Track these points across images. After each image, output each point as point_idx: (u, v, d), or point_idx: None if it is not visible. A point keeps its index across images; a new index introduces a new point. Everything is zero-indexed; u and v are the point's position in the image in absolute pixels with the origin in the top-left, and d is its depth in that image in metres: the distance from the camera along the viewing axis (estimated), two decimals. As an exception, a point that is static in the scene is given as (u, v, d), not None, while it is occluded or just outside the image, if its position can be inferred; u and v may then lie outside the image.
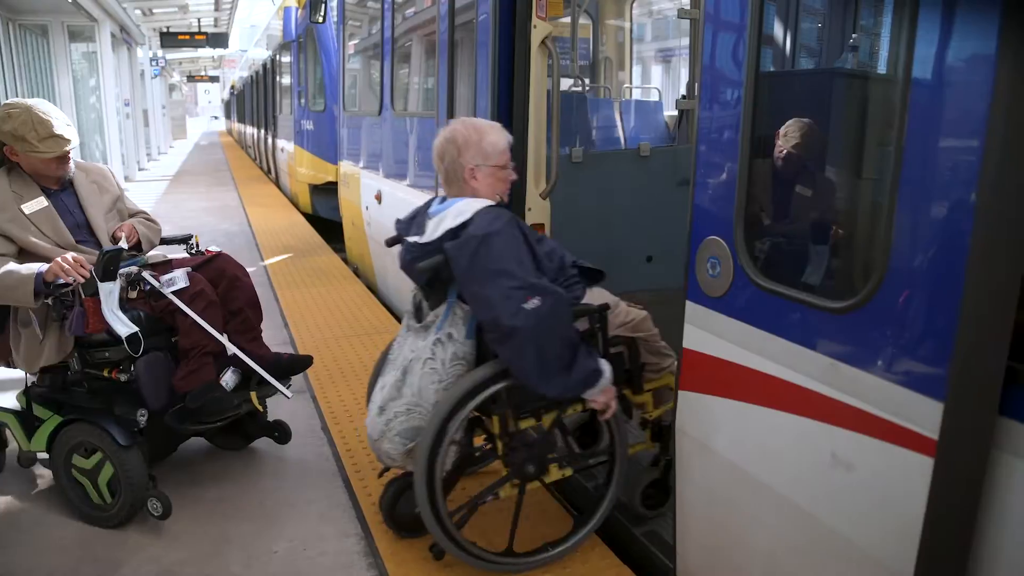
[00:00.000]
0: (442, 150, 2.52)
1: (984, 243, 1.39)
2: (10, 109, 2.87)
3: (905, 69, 1.52)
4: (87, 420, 2.89)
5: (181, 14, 19.81)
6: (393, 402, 2.47)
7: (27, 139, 2.83)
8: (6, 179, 2.94)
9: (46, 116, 2.88)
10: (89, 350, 2.90)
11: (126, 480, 2.83)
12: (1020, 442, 1.40)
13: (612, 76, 6.47)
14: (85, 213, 3.06)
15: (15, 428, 3.12)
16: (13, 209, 2.88)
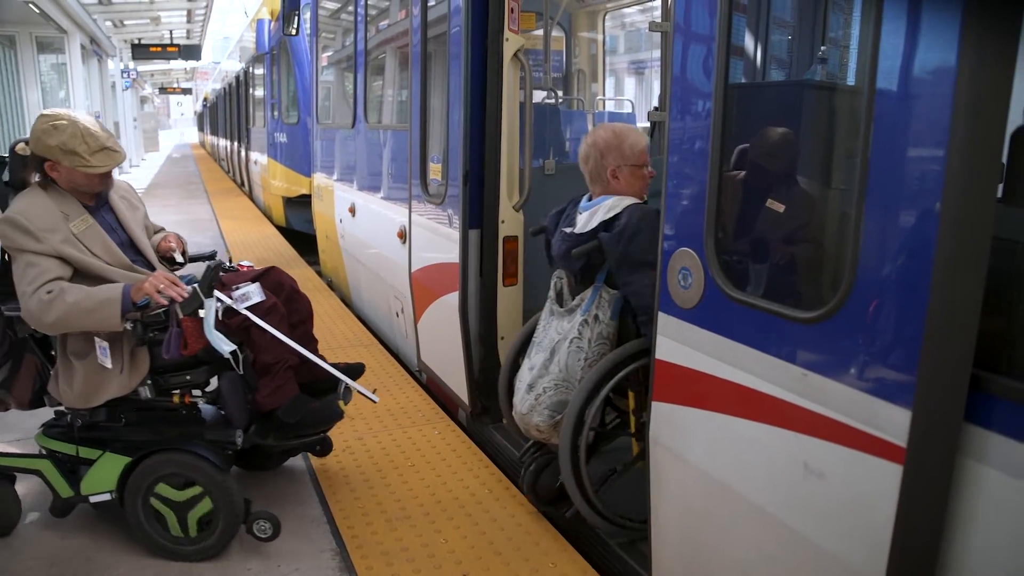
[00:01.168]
0: (585, 154, 2.75)
1: (948, 252, 1.41)
2: (54, 121, 2.65)
3: (869, 80, 1.54)
4: (177, 450, 2.72)
5: (153, 26, 19.72)
6: (542, 379, 2.69)
7: (78, 153, 2.63)
8: (48, 198, 2.71)
9: (94, 128, 2.70)
10: (164, 375, 2.75)
11: (227, 508, 2.71)
12: (985, 448, 1.42)
13: (585, 88, 6.51)
14: (126, 230, 2.91)
15: (51, 475, 2.83)
16: (65, 230, 2.67)
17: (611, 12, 6.56)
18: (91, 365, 2.69)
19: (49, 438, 2.88)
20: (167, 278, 2.63)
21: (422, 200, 4.15)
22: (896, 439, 1.53)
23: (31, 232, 2.59)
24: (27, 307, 2.57)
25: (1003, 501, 1.41)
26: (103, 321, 2.58)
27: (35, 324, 2.61)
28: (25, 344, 2.82)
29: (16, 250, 2.62)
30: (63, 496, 2.83)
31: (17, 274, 2.62)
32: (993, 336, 1.44)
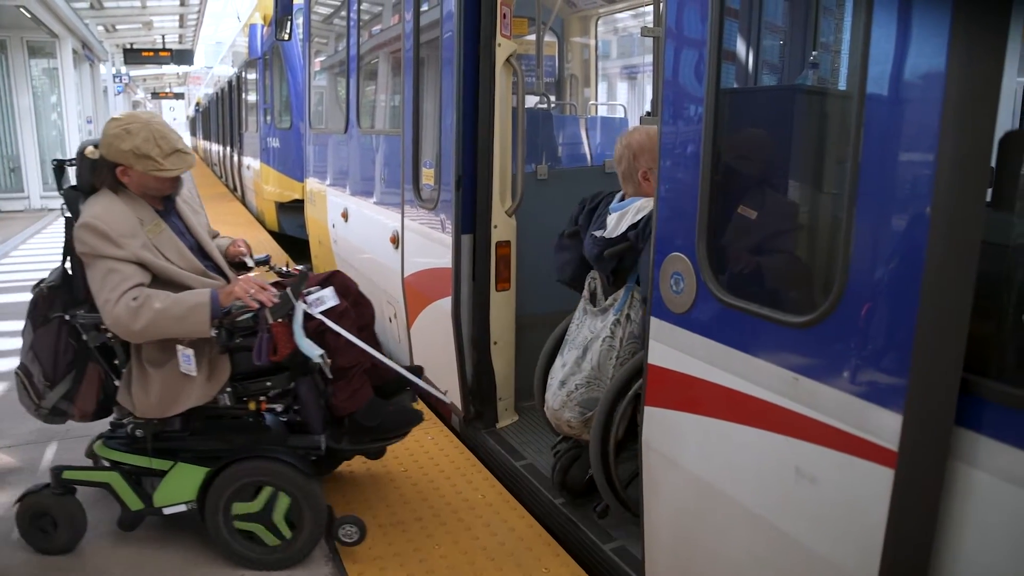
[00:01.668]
0: (619, 155, 2.79)
1: (938, 256, 1.41)
2: (127, 125, 2.61)
3: (859, 85, 1.55)
4: (263, 457, 2.70)
5: (145, 31, 19.69)
6: (574, 376, 2.75)
7: (151, 157, 2.60)
8: (122, 203, 2.66)
9: (166, 130, 2.67)
10: (243, 382, 2.72)
11: (312, 513, 2.70)
12: (975, 452, 1.42)
13: (578, 93, 6.51)
14: (193, 235, 2.88)
15: (120, 487, 2.77)
16: (142, 235, 2.62)
17: (604, 17, 6.57)
18: (170, 373, 2.63)
19: (113, 449, 2.82)
20: (256, 283, 2.61)
21: (415, 205, 4.15)
22: (887, 443, 1.53)
23: (111, 238, 2.54)
24: (113, 314, 2.50)
25: (994, 504, 1.41)
26: (193, 327, 2.53)
27: (122, 331, 2.54)
28: (88, 353, 2.75)
29: (94, 256, 2.55)
30: (133, 509, 2.78)
31: (96, 281, 2.55)
32: (983, 340, 1.45)
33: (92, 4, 15.68)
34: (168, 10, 17.73)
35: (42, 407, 2.75)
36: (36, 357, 2.72)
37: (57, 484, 2.81)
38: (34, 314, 2.76)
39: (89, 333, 2.67)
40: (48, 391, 2.73)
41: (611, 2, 6.20)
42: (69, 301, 2.73)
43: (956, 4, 1.36)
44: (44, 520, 2.79)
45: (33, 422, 2.96)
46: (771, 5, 2.58)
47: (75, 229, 2.59)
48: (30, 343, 2.74)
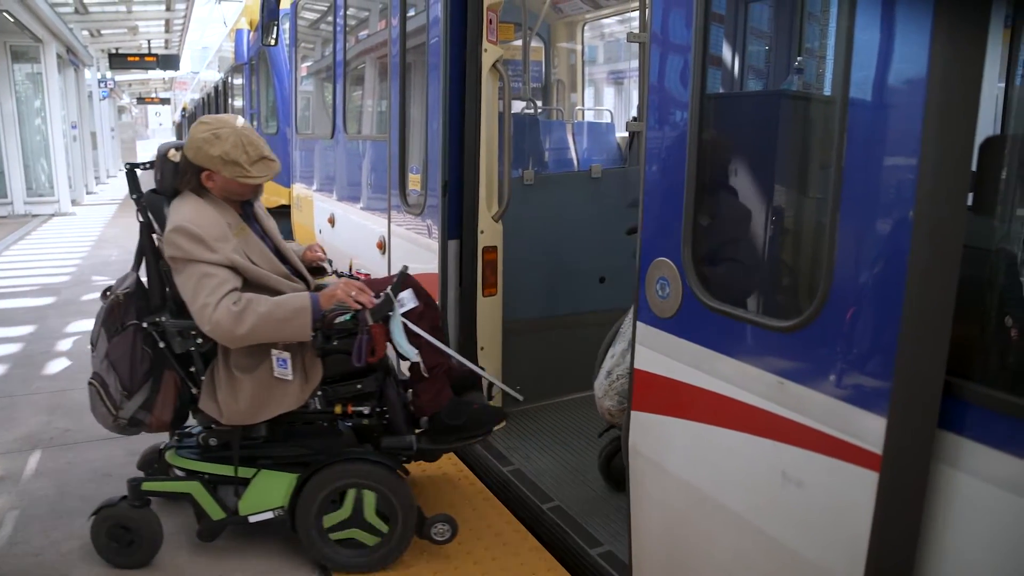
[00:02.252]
0: None
1: (921, 260, 1.42)
2: (216, 130, 2.60)
3: (842, 91, 1.56)
4: (358, 459, 2.70)
5: (130, 35, 19.57)
6: (618, 367, 2.71)
7: (239, 163, 2.59)
8: (210, 207, 2.64)
9: (253, 136, 2.65)
10: (332, 385, 2.71)
11: (403, 508, 2.70)
12: (958, 454, 1.43)
13: (564, 98, 6.53)
14: (271, 239, 2.85)
15: (202, 497, 2.74)
16: (233, 239, 2.61)
17: (590, 23, 6.59)
18: (261, 378, 2.61)
19: (189, 459, 2.78)
20: (356, 285, 2.60)
21: (401, 211, 4.14)
22: (872, 446, 1.54)
23: (205, 242, 2.52)
24: (214, 319, 2.46)
25: (977, 506, 1.42)
26: (296, 331, 2.51)
27: (222, 336, 2.50)
28: (164, 361, 2.70)
29: (187, 260, 2.52)
30: (215, 518, 2.75)
31: (189, 285, 2.52)
32: (965, 343, 1.46)
33: (76, 9, 15.57)
34: (154, 15, 17.61)
35: (120, 418, 2.67)
36: (112, 366, 2.65)
37: (135, 496, 2.75)
38: (108, 321, 2.69)
39: (174, 339, 2.64)
40: (126, 401, 2.65)
41: (597, 7, 6.22)
42: (143, 308, 2.69)
43: (937, 10, 1.37)
44: (121, 534, 2.75)
45: (15, 429, 2.93)
46: (756, 11, 2.60)
47: (167, 233, 2.54)
48: (105, 352, 2.66)
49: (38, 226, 12.91)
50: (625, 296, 2.67)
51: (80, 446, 3.81)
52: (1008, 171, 1.75)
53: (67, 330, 6.04)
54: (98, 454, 3.71)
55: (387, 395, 2.76)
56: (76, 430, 4.00)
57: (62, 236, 11.78)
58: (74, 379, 4.81)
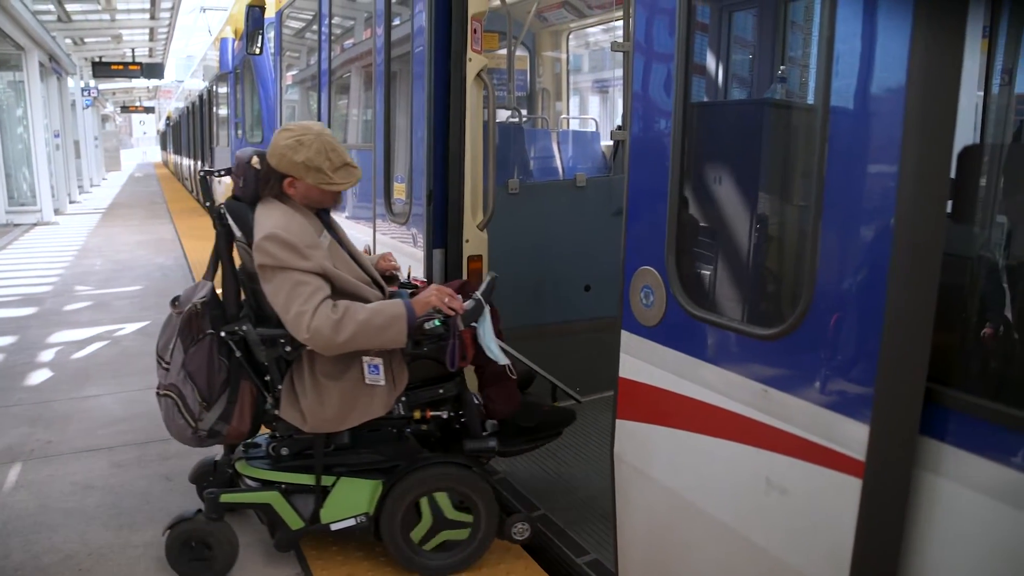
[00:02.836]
0: None
1: (901, 268, 1.43)
2: (300, 137, 2.59)
3: (823, 100, 1.58)
4: (445, 463, 2.73)
5: (114, 44, 19.49)
6: None
7: (322, 169, 2.59)
8: (298, 214, 2.62)
9: (336, 143, 2.65)
10: (414, 391, 2.72)
11: (488, 513, 2.75)
12: (939, 460, 1.44)
13: (549, 107, 6.55)
14: (347, 247, 2.84)
15: (282, 507, 2.72)
16: (323, 247, 2.61)
17: (575, 32, 6.62)
18: (348, 385, 2.60)
19: (264, 469, 2.76)
20: (447, 291, 2.60)
21: (387, 220, 4.14)
22: (855, 453, 1.55)
23: (299, 249, 2.50)
24: (313, 327, 2.43)
25: (958, 512, 1.43)
26: (393, 337, 2.51)
27: (321, 343, 2.48)
28: (241, 371, 2.68)
29: (279, 268, 2.49)
30: (293, 528, 2.73)
31: (281, 293, 2.49)
32: (945, 350, 1.47)
33: (59, 17, 15.51)
34: (138, 23, 17.54)
35: (200, 429, 2.64)
36: (190, 377, 2.62)
37: (213, 509, 2.72)
38: (186, 332, 2.65)
39: (258, 349, 2.62)
40: (204, 412, 2.63)
41: (582, 17, 6.25)
42: (218, 317, 2.66)
43: (916, 20, 1.39)
44: (198, 548, 2.72)
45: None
46: (739, 20, 2.62)
47: (260, 240, 2.51)
48: (182, 362, 2.63)
49: (20, 236, 12.81)
50: (610, 304, 2.67)
51: (62, 458, 3.78)
52: (986, 178, 1.77)
53: (49, 341, 5.99)
54: (80, 466, 3.67)
55: (465, 399, 2.78)
56: (58, 441, 3.96)
57: (44, 246, 11.68)
58: (56, 390, 4.77)
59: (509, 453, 2.97)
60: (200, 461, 3.17)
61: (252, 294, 2.68)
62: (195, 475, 3.14)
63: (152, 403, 4.43)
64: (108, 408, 4.47)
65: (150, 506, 3.27)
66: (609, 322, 2.70)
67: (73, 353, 5.65)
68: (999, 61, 2.02)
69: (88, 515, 3.19)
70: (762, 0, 2.54)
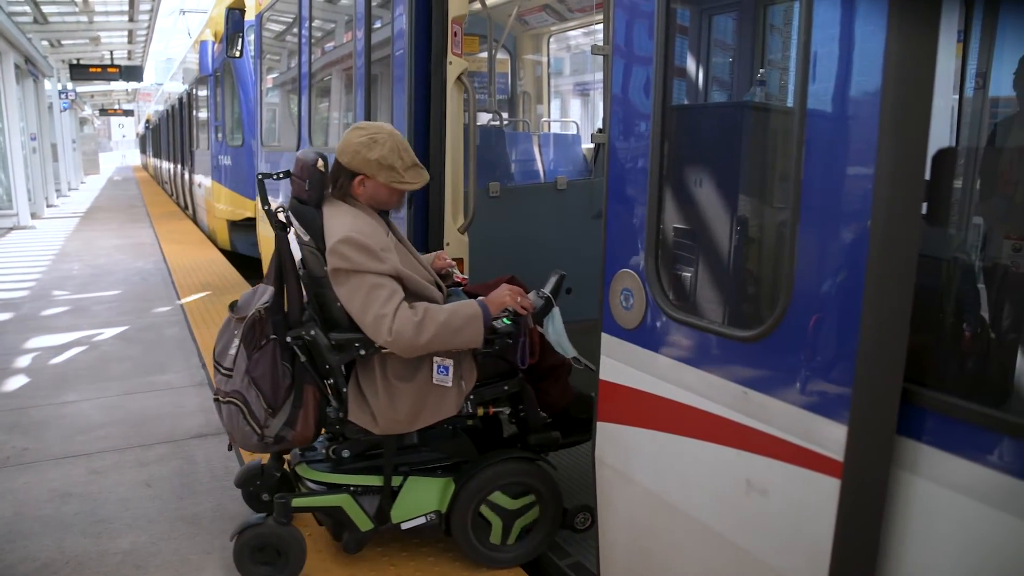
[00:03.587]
0: None
1: (878, 269, 1.45)
2: (373, 135, 2.59)
3: (800, 103, 1.59)
4: (515, 459, 2.78)
5: (92, 46, 19.30)
6: None
7: (395, 168, 2.58)
8: (367, 216, 2.62)
9: (405, 142, 2.65)
10: (479, 388, 2.73)
11: (554, 511, 2.80)
12: (916, 460, 1.45)
13: (530, 110, 6.56)
14: (406, 247, 2.82)
15: (352, 509, 2.70)
16: (393, 249, 2.61)
17: (556, 35, 6.64)
18: (420, 386, 2.60)
19: (330, 472, 2.75)
20: (517, 290, 2.63)
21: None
22: (833, 454, 1.56)
23: (374, 252, 2.49)
24: (395, 330, 2.43)
25: (935, 511, 1.44)
26: (470, 338, 2.53)
27: (402, 346, 2.47)
28: (304, 376, 2.65)
29: (355, 271, 2.48)
30: (364, 529, 2.72)
31: (357, 297, 2.49)
32: (921, 350, 1.48)
33: (35, 18, 15.34)
34: (116, 26, 17.40)
35: (266, 436, 2.60)
36: (254, 383, 2.58)
37: (283, 513, 2.69)
38: (249, 338, 2.60)
39: (329, 353, 2.59)
40: (270, 419, 2.59)
41: (563, 20, 6.27)
42: (280, 322, 2.63)
43: (890, 24, 1.40)
44: (267, 553, 2.69)
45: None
46: (718, 23, 2.63)
47: (334, 243, 2.49)
48: (245, 368, 2.59)
49: (-3, 239, 12.68)
50: (591, 307, 2.67)
51: (39, 465, 3.73)
52: (962, 180, 1.79)
53: (26, 346, 5.92)
54: (57, 473, 3.63)
55: (527, 394, 2.81)
56: (35, 449, 3.91)
57: (21, 250, 11.55)
58: (33, 396, 4.71)
59: (566, 444, 3.00)
60: (246, 466, 3.16)
61: (315, 298, 2.67)
62: (241, 479, 3.13)
63: (131, 408, 4.44)
64: (86, 414, 4.42)
65: (129, 513, 3.23)
66: (590, 325, 2.71)
67: (51, 358, 5.58)
68: (973, 64, 2.04)
69: (65, 523, 3.15)
70: (741, 3, 2.56)
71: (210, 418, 4.27)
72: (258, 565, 2.68)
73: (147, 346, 5.85)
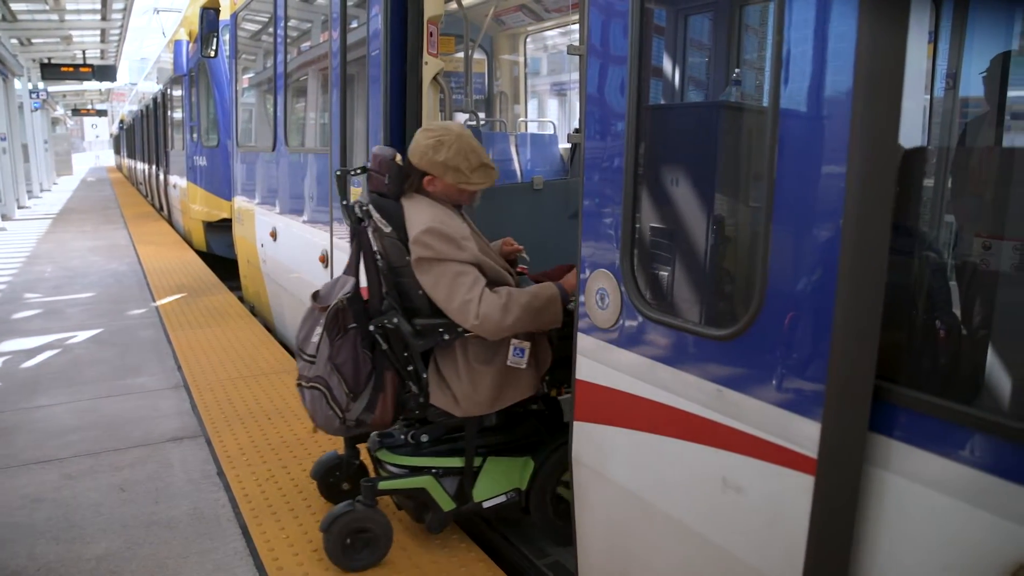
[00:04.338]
0: None
1: (849, 268, 1.46)
2: (440, 137, 2.69)
3: (773, 102, 1.60)
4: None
5: (64, 45, 19.05)
6: None
7: (461, 170, 2.68)
8: (445, 207, 2.73)
9: (475, 143, 2.73)
10: (556, 370, 2.78)
11: None
12: (888, 456, 1.47)
13: (507, 110, 6.56)
14: (479, 236, 2.88)
15: (435, 491, 2.82)
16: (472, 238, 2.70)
17: (533, 35, 6.64)
18: (499, 369, 2.69)
19: (413, 455, 2.85)
20: None
21: (343, 224, 4.10)
22: (807, 451, 1.57)
23: (456, 241, 2.60)
24: (482, 313, 2.54)
25: (907, 506, 1.46)
26: (551, 319, 2.65)
27: (490, 329, 2.57)
28: (384, 362, 2.74)
29: (439, 260, 2.59)
30: (446, 509, 2.83)
31: (442, 285, 2.59)
32: (893, 348, 1.50)
33: (4, 16, 15.11)
34: (88, 24, 17.17)
35: (347, 419, 2.72)
36: (336, 369, 2.68)
37: (370, 496, 2.79)
38: (332, 326, 2.71)
39: (412, 339, 2.67)
40: (351, 403, 2.70)
41: (540, 20, 6.27)
42: (360, 311, 2.72)
43: (860, 25, 1.41)
44: (357, 538, 2.77)
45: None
46: (694, 23, 2.64)
47: (418, 234, 2.60)
48: (328, 355, 2.70)
49: (-33, 240, 12.48)
50: (568, 307, 2.69)
51: (9, 471, 3.67)
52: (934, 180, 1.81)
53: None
54: (28, 479, 3.57)
55: None
56: (5, 455, 3.85)
57: (-8, 252, 11.39)
58: (3, 402, 4.64)
59: None
60: (321, 459, 3.27)
61: (395, 287, 2.75)
62: (318, 471, 3.24)
63: (105, 411, 4.39)
64: (59, 418, 4.36)
65: (103, 518, 3.19)
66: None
67: (22, 362, 5.50)
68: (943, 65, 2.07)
69: (37, 529, 3.10)
70: (716, 4, 2.57)
71: (186, 421, 4.23)
72: (352, 554, 2.76)
73: (121, 349, 5.78)
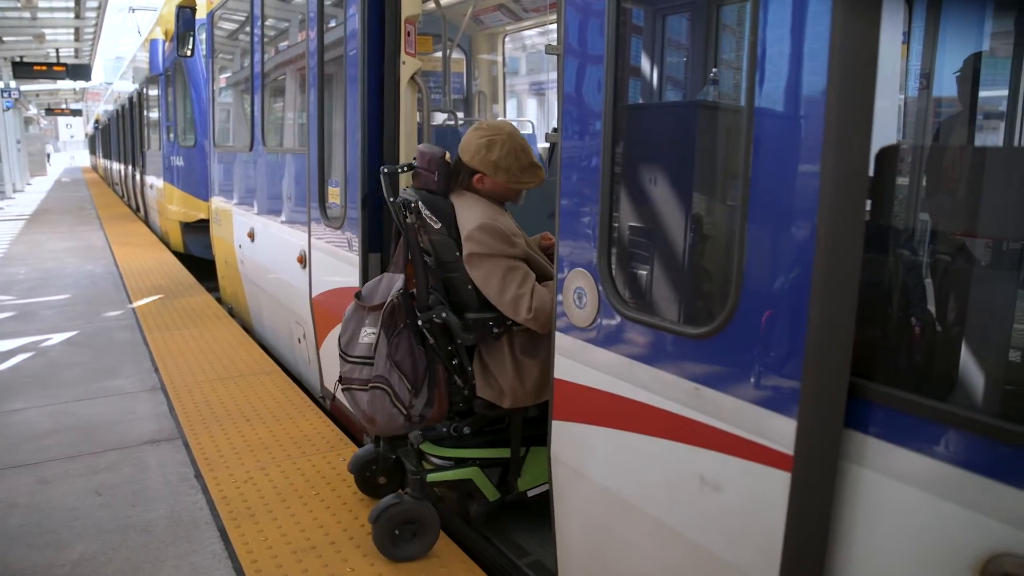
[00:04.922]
0: None
1: (824, 266, 1.47)
2: (491, 135, 2.74)
3: (748, 102, 1.61)
4: None
5: (37, 43, 18.83)
6: None
7: (511, 169, 2.73)
8: (493, 206, 2.78)
9: (524, 143, 2.77)
10: None
11: None
12: (863, 452, 1.48)
13: (486, 109, 6.55)
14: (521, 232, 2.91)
15: (481, 481, 2.87)
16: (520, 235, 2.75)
17: (511, 34, 6.64)
18: (544, 361, 2.72)
19: (457, 448, 2.90)
20: None
21: (322, 224, 4.09)
22: (784, 448, 1.58)
23: (507, 237, 2.66)
24: (535, 307, 2.60)
25: (882, 502, 1.47)
26: None
27: (542, 322, 2.61)
28: (433, 356, 2.78)
29: (491, 256, 2.65)
30: (491, 499, 2.88)
31: (494, 279, 2.65)
32: (866, 345, 1.51)
33: (-25, 15, 14.94)
34: (62, 23, 16.98)
35: (412, 415, 2.75)
36: (395, 366, 2.72)
37: (419, 489, 2.83)
38: (389, 324, 2.73)
39: (462, 334, 2.71)
40: (414, 399, 2.74)
41: (518, 20, 6.27)
42: (410, 307, 2.76)
43: (834, 25, 1.42)
44: (406, 529, 2.80)
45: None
46: (671, 23, 2.65)
47: (472, 230, 2.65)
48: (387, 353, 2.72)
49: (-61, 241, 12.30)
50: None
51: (-17, 475, 3.63)
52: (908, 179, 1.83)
53: (-31, 353, 5.75)
54: (2, 485, 3.52)
55: None
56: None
57: (-36, 254, 11.22)
58: (-23, 405, 4.58)
59: None
60: (358, 453, 3.31)
61: (443, 282, 2.80)
62: (356, 465, 3.28)
63: (80, 414, 4.34)
64: (33, 422, 4.30)
65: (79, 523, 3.16)
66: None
67: (-4, 366, 5.44)
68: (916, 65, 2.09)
69: (10, 535, 3.06)
70: (694, 3, 2.58)
71: (163, 423, 4.19)
72: (401, 545, 2.79)
73: (97, 351, 5.71)
